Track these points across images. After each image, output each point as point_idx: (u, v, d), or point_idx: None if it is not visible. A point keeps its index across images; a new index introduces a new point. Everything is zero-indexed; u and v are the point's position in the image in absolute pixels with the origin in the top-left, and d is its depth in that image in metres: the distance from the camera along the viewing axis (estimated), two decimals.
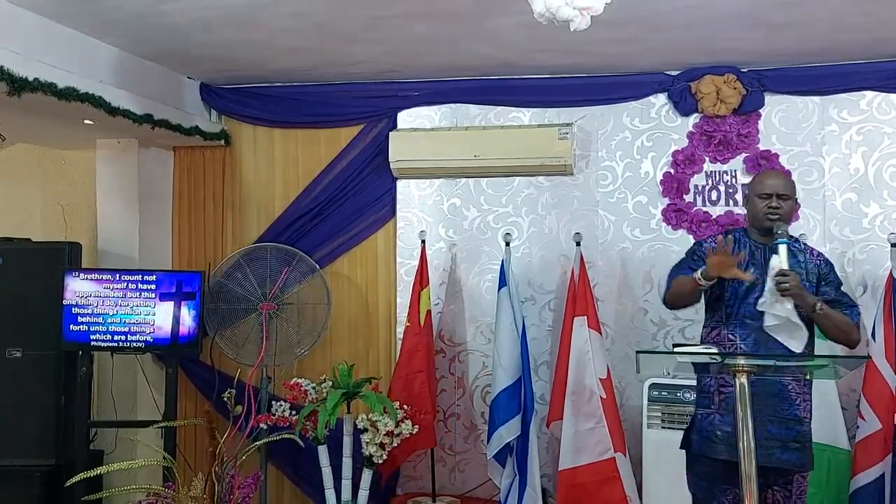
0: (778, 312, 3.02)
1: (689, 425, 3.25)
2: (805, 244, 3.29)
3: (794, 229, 4.42)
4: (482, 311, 4.81)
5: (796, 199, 3.25)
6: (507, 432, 4.31)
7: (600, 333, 4.39)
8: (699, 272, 3.06)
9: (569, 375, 4.26)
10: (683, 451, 3.23)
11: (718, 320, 3.20)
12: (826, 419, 4.09)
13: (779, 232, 3.06)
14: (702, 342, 3.26)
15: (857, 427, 4.12)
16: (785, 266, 3.00)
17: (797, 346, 3.04)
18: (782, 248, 3.03)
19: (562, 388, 4.30)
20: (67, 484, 3.48)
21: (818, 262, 3.20)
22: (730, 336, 3.13)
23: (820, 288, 3.13)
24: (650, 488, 4.19)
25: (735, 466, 3.01)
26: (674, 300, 3.27)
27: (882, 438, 4.00)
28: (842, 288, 3.20)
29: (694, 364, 3.01)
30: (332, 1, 3.52)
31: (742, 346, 3.09)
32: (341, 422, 4.35)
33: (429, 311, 4.62)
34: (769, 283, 3.02)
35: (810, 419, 3.13)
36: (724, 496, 3.11)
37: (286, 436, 3.91)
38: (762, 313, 3.07)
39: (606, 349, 4.52)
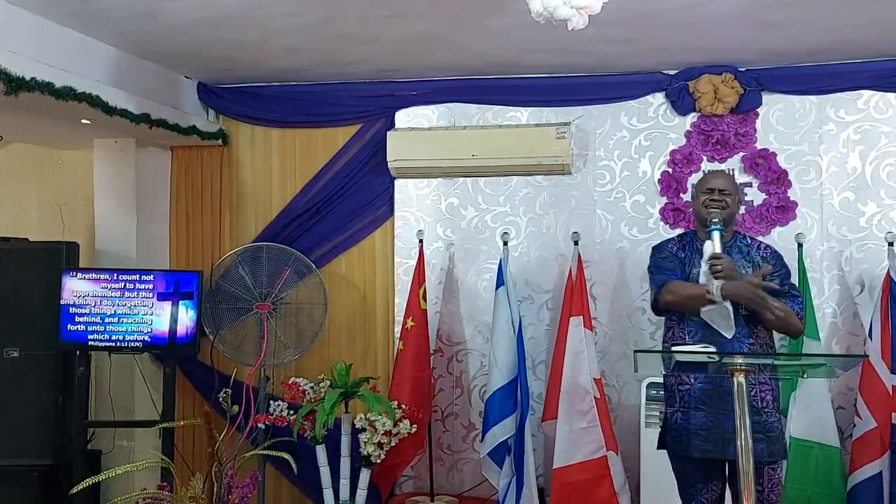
0: (713, 295, 3.09)
1: (662, 425, 3.36)
2: (752, 238, 3.42)
3: (793, 228, 4.47)
4: (480, 310, 4.81)
5: (741, 200, 3.44)
6: (501, 431, 4.32)
7: (594, 333, 4.41)
8: (716, 289, 3.06)
9: (564, 375, 4.27)
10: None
11: (673, 319, 3.31)
12: (816, 417, 4.11)
13: (713, 221, 3.18)
14: (663, 343, 3.36)
15: (854, 426, 4.13)
16: (718, 250, 3.12)
17: (729, 332, 3.11)
18: (715, 235, 3.15)
19: (556, 387, 4.31)
20: (73, 491, 3.46)
21: (764, 254, 3.31)
22: (680, 334, 3.22)
23: (765, 279, 3.18)
24: (648, 487, 4.19)
25: (707, 463, 3.15)
26: (675, 303, 3.27)
27: (878, 436, 4.01)
28: (789, 279, 3.29)
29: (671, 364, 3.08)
30: (330, 1, 3.52)
31: (690, 341, 3.16)
32: (339, 421, 4.35)
33: (424, 311, 4.61)
34: (703, 268, 3.15)
35: (775, 409, 3.18)
36: (701, 495, 3.19)
37: (281, 454, 3.81)
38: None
39: (601, 350, 4.53)
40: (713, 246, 3.15)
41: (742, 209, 4.53)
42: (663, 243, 3.49)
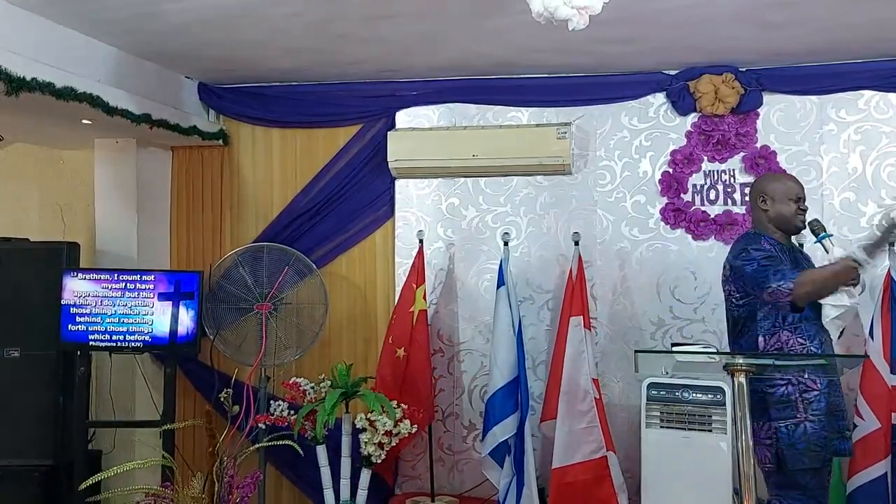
0: (842, 303, 3.10)
1: (775, 441, 3.14)
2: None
3: None
4: (480, 310, 4.81)
5: None
6: (501, 431, 4.32)
7: (594, 333, 4.42)
8: (862, 256, 2.97)
9: (564, 375, 4.27)
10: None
11: (777, 324, 3.20)
12: None
13: (815, 227, 3.21)
14: (762, 350, 3.20)
15: (856, 426, 4.12)
16: (838, 254, 3.11)
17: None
18: (828, 243, 3.18)
19: (556, 387, 4.31)
20: (80, 488, 3.47)
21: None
22: (799, 340, 3.15)
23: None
24: (649, 488, 4.18)
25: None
26: (819, 290, 3.14)
27: (882, 437, 4.00)
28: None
29: (760, 370, 2.92)
30: (331, 1, 3.52)
31: (811, 347, 3.12)
32: (340, 421, 4.35)
33: (423, 311, 4.61)
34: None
35: None
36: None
37: (285, 442, 3.88)
38: (818, 309, 3.13)
39: (601, 350, 4.53)
40: (833, 252, 3.14)
41: (743, 209, 4.54)
42: (752, 239, 3.32)
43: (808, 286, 3.06)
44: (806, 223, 3.28)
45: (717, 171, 4.60)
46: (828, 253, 3.17)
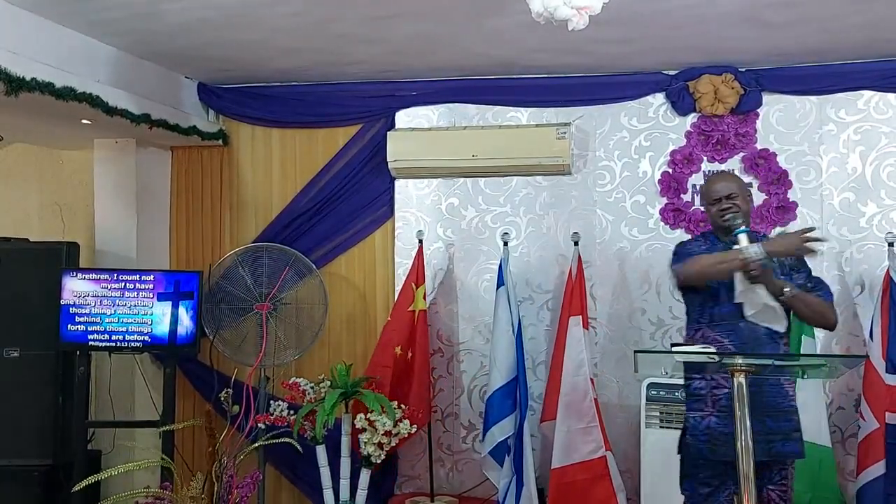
0: (754, 299, 3.07)
1: (683, 430, 3.24)
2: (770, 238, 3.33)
3: (794, 228, 4.44)
4: (480, 310, 4.81)
5: (749, 195, 3.29)
6: (500, 431, 4.32)
7: (593, 333, 4.43)
8: (755, 250, 2.99)
9: (563, 375, 4.27)
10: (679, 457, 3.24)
11: (701, 321, 3.22)
12: (814, 417, 4.10)
13: (736, 223, 3.12)
14: (691, 343, 3.24)
15: (858, 427, 4.13)
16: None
17: (782, 325, 3.10)
18: (742, 238, 3.07)
19: (556, 387, 4.31)
20: (74, 489, 3.47)
21: None
22: (717, 337, 3.14)
23: (792, 276, 3.16)
24: (648, 488, 4.19)
25: (731, 466, 2.98)
26: (701, 273, 3.14)
27: (882, 437, 4.01)
28: (812, 274, 3.23)
29: (686, 366, 3.03)
30: (330, 1, 3.52)
31: (730, 345, 3.10)
32: (339, 422, 4.35)
33: (422, 311, 4.61)
34: (737, 274, 3.07)
35: (795, 406, 3.17)
36: (723, 496, 3.12)
37: (285, 439, 3.91)
38: (740, 307, 3.10)
39: (601, 350, 4.53)
40: (743, 246, 3.06)
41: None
42: (686, 242, 3.39)
43: (694, 267, 3.13)
44: (730, 221, 3.14)
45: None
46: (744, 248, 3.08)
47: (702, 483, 3.16)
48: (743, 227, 3.10)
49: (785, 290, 3.05)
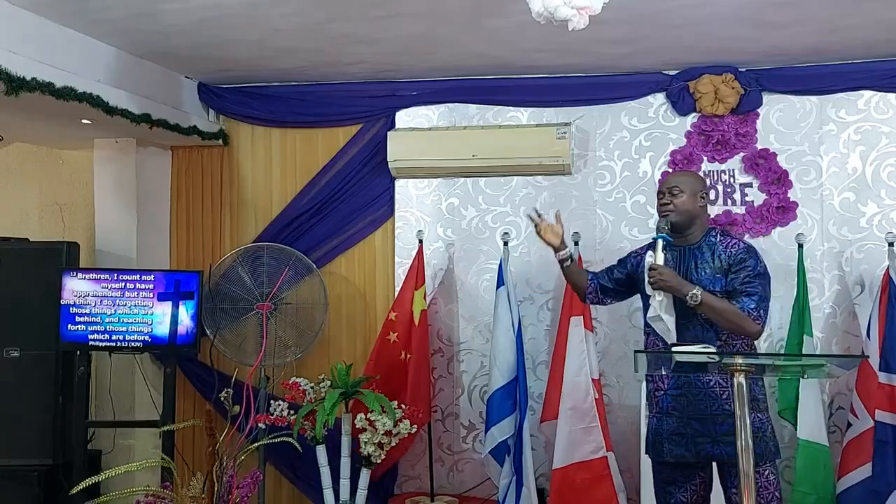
0: (654, 305, 3.11)
1: (647, 431, 3.35)
2: (726, 236, 3.23)
3: (794, 228, 4.46)
4: (480, 310, 4.81)
5: (702, 195, 3.25)
6: (500, 432, 4.33)
7: (594, 334, 4.42)
8: (565, 253, 3.50)
9: (565, 375, 4.27)
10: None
11: (646, 329, 3.29)
12: (814, 417, 4.10)
13: (659, 227, 3.17)
14: (645, 347, 3.32)
15: (850, 425, 4.12)
16: (659, 261, 3.10)
17: (671, 337, 3.11)
18: (658, 244, 3.14)
19: (557, 387, 4.31)
20: (72, 492, 3.47)
21: (731, 251, 3.14)
22: (657, 343, 3.20)
23: (727, 277, 3.11)
24: (647, 488, 4.18)
25: (681, 466, 3.15)
26: (577, 294, 3.66)
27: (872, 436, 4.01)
28: (753, 276, 3.09)
29: (648, 368, 3.12)
30: (330, 1, 3.52)
31: (660, 346, 3.16)
32: (339, 421, 4.35)
33: (424, 311, 4.61)
34: (646, 279, 3.14)
35: (754, 410, 3.04)
36: (676, 495, 3.19)
37: (284, 439, 3.91)
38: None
39: (601, 350, 4.53)
40: (654, 257, 3.12)
41: (742, 209, 4.53)
42: (635, 249, 3.50)
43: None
44: (659, 222, 3.17)
45: (717, 172, 4.60)
46: (653, 255, 3.11)
47: (657, 482, 3.28)
48: (662, 234, 3.13)
49: (688, 296, 3.03)
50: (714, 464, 3.18)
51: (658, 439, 3.19)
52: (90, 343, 4.39)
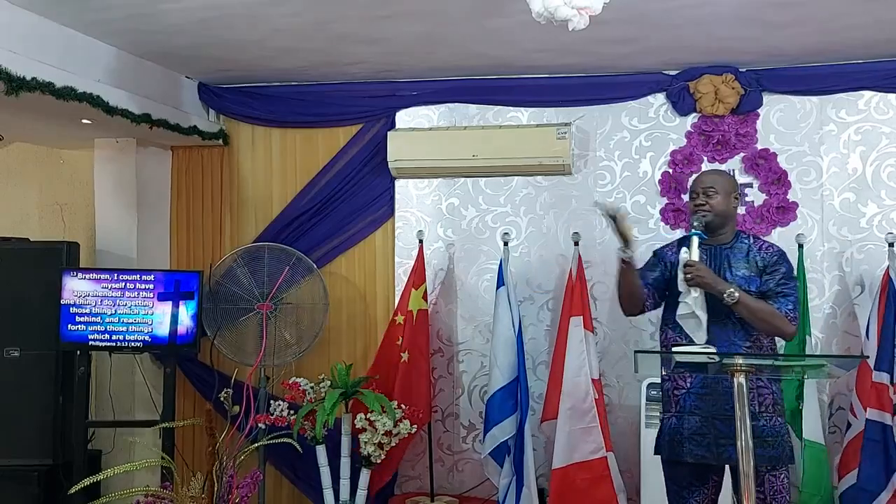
0: (687, 302, 3.08)
1: (659, 430, 3.29)
2: (757, 238, 3.29)
3: (794, 229, 4.46)
4: (480, 310, 4.80)
5: (736, 196, 3.26)
6: (501, 432, 4.32)
7: (594, 334, 4.42)
8: (620, 250, 3.19)
9: (564, 375, 4.27)
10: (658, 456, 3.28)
11: (665, 322, 3.28)
12: (811, 416, 4.10)
13: (694, 224, 3.14)
14: (660, 345, 3.31)
15: (850, 425, 4.12)
16: (694, 257, 3.07)
17: (700, 337, 3.07)
18: (694, 240, 3.11)
19: (557, 387, 4.31)
20: (71, 491, 3.48)
21: (765, 254, 3.18)
22: (676, 338, 3.17)
23: (762, 278, 3.13)
24: (648, 488, 4.19)
25: (700, 468, 3.11)
26: (620, 295, 3.35)
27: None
28: (787, 279, 3.14)
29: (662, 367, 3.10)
30: (331, 1, 3.52)
31: (685, 343, 3.12)
32: (339, 421, 4.35)
33: (423, 311, 4.61)
34: (680, 276, 3.11)
35: (774, 413, 3.09)
36: (691, 497, 3.16)
37: (284, 440, 3.91)
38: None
39: (600, 350, 4.53)
40: (689, 253, 3.10)
41: (743, 209, 4.53)
42: (663, 246, 3.46)
43: (618, 290, 3.32)
44: (695, 220, 3.16)
45: None
46: (688, 252, 3.11)
47: (673, 481, 3.23)
48: (697, 231, 3.11)
49: (725, 294, 3.02)
50: (727, 466, 3.14)
51: (678, 439, 3.13)
52: (90, 343, 4.39)
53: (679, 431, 3.14)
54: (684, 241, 3.28)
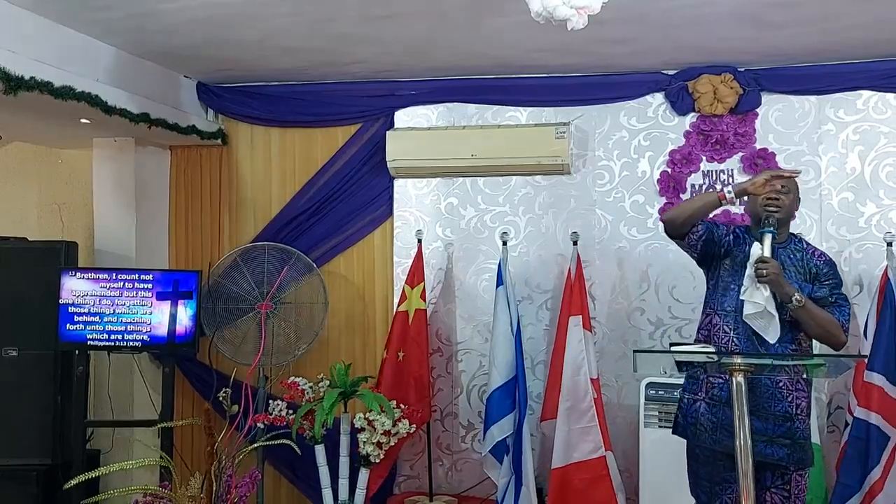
0: (756, 300, 3.00)
1: (677, 408, 3.24)
2: (808, 244, 3.26)
3: (792, 228, 4.35)
4: (479, 310, 4.81)
5: (798, 198, 3.25)
6: (499, 431, 4.33)
7: (592, 333, 4.42)
8: (730, 186, 3.10)
9: (564, 374, 4.28)
10: (682, 447, 3.22)
11: (711, 308, 3.20)
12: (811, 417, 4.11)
13: (767, 221, 3.07)
14: (699, 330, 3.24)
15: (847, 425, 4.12)
16: (767, 254, 3.00)
17: (773, 336, 3.01)
18: (767, 237, 3.04)
19: (556, 387, 4.32)
20: (66, 486, 3.48)
21: (818, 262, 3.17)
22: (724, 327, 3.12)
23: (814, 286, 3.11)
24: (647, 487, 4.19)
25: (725, 456, 3.02)
26: (682, 209, 3.21)
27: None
28: (839, 289, 3.14)
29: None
30: (330, 1, 3.52)
31: (735, 338, 3.08)
32: (338, 421, 4.35)
33: (420, 311, 4.61)
34: (749, 270, 3.03)
35: (806, 416, 3.10)
36: (726, 495, 3.08)
37: (283, 441, 3.90)
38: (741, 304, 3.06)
39: (599, 350, 4.53)
40: (762, 249, 3.01)
41: (741, 208, 4.52)
42: (725, 222, 3.37)
43: (676, 210, 3.27)
44: (769, 215, 3.09)
45: (716, 171, 4.61)
46: (761, 247, 3.04)
47: (701, 477, 3.16)
48: (772, 229, 3.05)
49: (794, 297, 2.97)
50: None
51: (707, 427, 3.07)
52: (89, 343, 4.38)
53: (711, 420, 3.07)
54: (738, 230, 3.23)
